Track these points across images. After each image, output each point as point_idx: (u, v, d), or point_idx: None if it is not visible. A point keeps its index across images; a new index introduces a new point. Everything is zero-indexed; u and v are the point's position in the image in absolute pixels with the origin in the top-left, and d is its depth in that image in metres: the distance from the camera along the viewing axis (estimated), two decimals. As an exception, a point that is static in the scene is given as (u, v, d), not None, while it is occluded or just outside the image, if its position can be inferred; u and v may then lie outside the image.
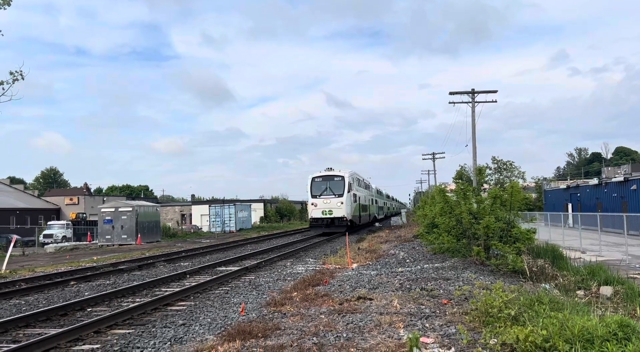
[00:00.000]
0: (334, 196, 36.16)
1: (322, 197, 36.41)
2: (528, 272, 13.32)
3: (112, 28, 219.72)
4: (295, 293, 11.29)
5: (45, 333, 8.53)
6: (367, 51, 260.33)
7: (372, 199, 54.92)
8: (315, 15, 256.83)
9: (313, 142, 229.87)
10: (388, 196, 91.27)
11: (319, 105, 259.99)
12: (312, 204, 36.75)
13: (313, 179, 37.18)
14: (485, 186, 37.08)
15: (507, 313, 7.38)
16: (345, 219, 35.89)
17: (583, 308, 8.28)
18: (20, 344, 7.72)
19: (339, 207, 35.82)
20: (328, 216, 36.02)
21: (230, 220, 60.87)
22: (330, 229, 36.22)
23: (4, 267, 20.27)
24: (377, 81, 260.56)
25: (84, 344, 8.10)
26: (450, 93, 37.58)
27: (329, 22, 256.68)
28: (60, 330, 8.48)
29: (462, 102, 37.92)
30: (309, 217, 37.53)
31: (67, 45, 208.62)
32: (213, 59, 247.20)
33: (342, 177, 36.86)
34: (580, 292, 11.59)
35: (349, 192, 36.52)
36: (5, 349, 7.86)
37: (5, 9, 16.82)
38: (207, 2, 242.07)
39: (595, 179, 51.62)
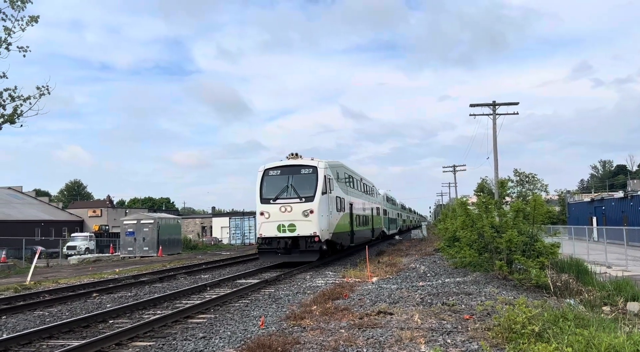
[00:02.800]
0: (298, 200, 21.78)
1: (279, 201, 21.96)
2: (552, 287, 13.08)
3: (137, 44, 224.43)
4: (315, 307, 11.24)
5: (68, 344, 8.61)
6: (384, 64, 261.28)
7: (377, 209, 40.33)
8: (331, 29, 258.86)
9: (333, 154, 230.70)
10: (404, 207, 79.63)
11: (337, 118, 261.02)
12: (262, 213, 22.12)
13: (266, 171, 22.89)
14: (508, 199, 36.67)
15: (530, 329, 7.24)
16: (317, 238, 21.46)
17: (610, 325, 8.09)
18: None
19: (306, 218, 21.46)
20: (288, 234, 21.59)
21: (250, 232, 61.07)
22: (293, 258, 21.89)
23: (28, 278, 20.59)
24: (395, 93, 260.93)
25: (105, 356, 8.16)
26: (471, 105, 37.45)
27: (345, 35, 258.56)
28: (83, 342, 8.56)
29: (483, 115, 37.75)
30: (257, 234, 22.72)
31: (92, 60, 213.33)
32: (232, 73, 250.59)
33: (314, 168, 22.53)
34: (607, 308, 11.33)
35: (325, 193, 22.25)
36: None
37: (32, 25, 17.30)
38: (225, 17, 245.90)
39: (620, 191, 50.67)
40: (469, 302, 11.14)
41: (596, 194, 64.52)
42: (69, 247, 47.77)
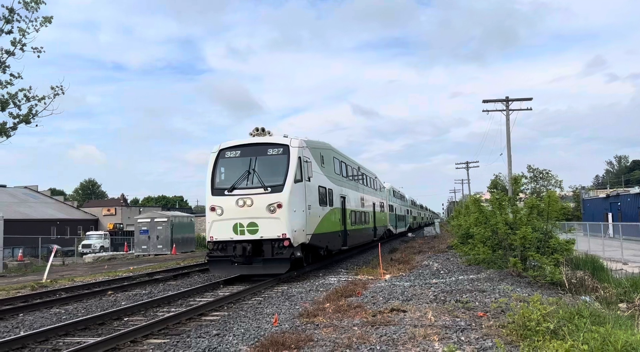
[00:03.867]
0: (262, 190, 16.33)
1: (236, 192, 16.52)
2: (567, 284, 12.97)
3: (149, 43, 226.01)
4: (328, 304, 11.25)
5: (84, 342, 8.71)
6: (395, 61, 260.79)
7: (380, 204, 35.39)
8: (342, 26, 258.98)
9: (344, 152, 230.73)
10: (414, 203, 73.67)
11: (348, 116, 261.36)
12: (213, 208, 16.71)
13: (221, 152, 17.62)
14: (521, 195, 36.39)
15: (545, 326, 7.19)
16: (287, 242, 16.02)
17: (626, 322, 8.01)
18: (60, 352, 7.91)
19: (272, 215, 16.10)
20: (248, 236, 16.21)
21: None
22: (253, 269, 16.54)
23: (45, 276, 20.85)
24: (406, 90, 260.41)
25: (120, 353, 8.24)
26: (484, 101, 37.26)
27: (355, 32, 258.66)
28: (98, 339, 8.65)
29: (496, 110, 37.52)
30: (207, 237, 16.98)
31: (106, 60, 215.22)
32: (244, 72, 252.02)
33: (284, 147, 17.08)
34: (623, 305, 11.21)
35: (299, 180, 16.86)
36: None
37: (46, 26, 17.47)
38: (236, 16, 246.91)
39: (636, 187, 49.98)
40: (483, 299, 11.08)
41: (612, 190, 63.72)
42: (84, 246, 48.27)
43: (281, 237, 16.04)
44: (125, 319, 11.20)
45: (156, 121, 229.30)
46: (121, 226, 67.02)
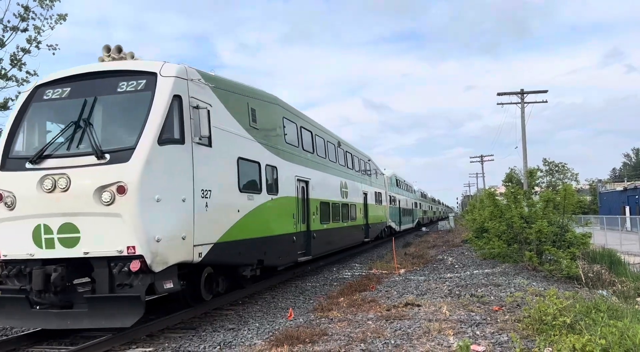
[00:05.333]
0: (93, 160, 7.99)
1: (46, 164, 8.18)
2: (583, 278, 12.85)
3: (163, 40, 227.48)
4: (342, 298, 11.26)
5: (101, 336, 8.80)
6: (407, 55, 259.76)
7: (376, 195, 28.43)
8: (353, 20, 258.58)
9: (357, 146, 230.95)
10: (424, 195, 67.32)
11: (360, 110, 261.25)
12: None
13: (37, 91, 9.10)
14: (537, 188, 36.07)
15: (562, 321, 7.13)
16: (138, 262, 7.68)
17: (644, 316, 7.91)
18: (78, 346, 8.01)
19: (107, 208, 7.72)
20: (59, 251, 7.96)
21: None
22: (70, 321, 8.03)
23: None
24: (420, 84, 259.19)
25: (137, 347, 8.33)
26: (499, 94, 36.93)
27: (367, 26, 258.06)
28: (115, 333, 8.74)
29: (511, 103, 37.17)
30: None
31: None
32: (255, 67, 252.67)
33: (149, 77, 8.59)
34: (641, 300, 11.07)
35: (179, 140, 8.57)
36: (64, 351, 8.19)
37: (61, 24, 17.66)
38: (250, 12, 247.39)
39: (654, 180, 49.32)
40: (498, 293, 11.02)
41: (629, 183, 62.83)
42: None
43: (126, 253, 7.93)
44: (142, 313, 11.29)
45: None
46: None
